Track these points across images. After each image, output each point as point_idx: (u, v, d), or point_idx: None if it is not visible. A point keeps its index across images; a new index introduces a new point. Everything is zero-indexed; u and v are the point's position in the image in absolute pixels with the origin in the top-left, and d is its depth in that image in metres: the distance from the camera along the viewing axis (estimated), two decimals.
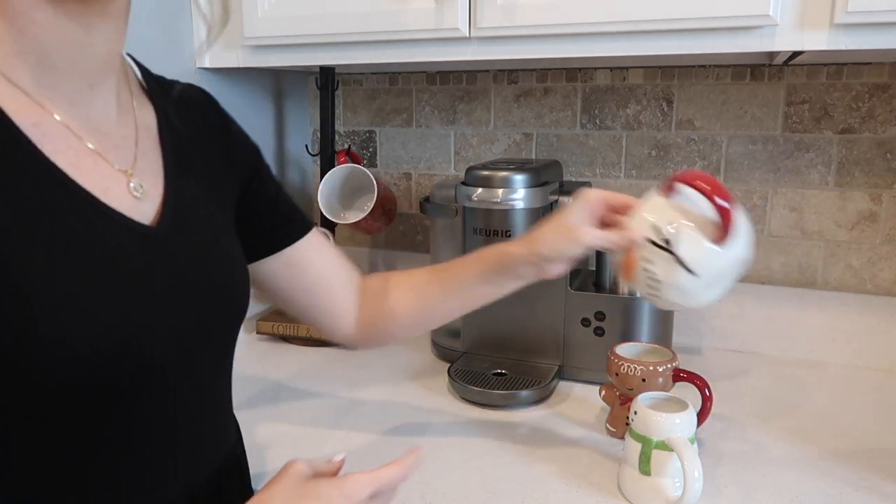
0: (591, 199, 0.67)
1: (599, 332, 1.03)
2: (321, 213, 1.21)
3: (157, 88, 0.63)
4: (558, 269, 0.70)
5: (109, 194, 0.51)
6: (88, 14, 0.48)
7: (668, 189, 0.65)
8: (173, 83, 0.66)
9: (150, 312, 0.50)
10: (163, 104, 0.61)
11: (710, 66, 1.16)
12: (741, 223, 0.61)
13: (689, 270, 0.60)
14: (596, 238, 0.65)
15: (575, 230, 0.66)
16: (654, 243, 0.61)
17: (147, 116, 0.59)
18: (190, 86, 0.68)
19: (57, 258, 0.45)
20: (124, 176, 0.53)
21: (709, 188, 0.60)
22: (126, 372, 0.48)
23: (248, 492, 0.68)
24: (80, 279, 0.46)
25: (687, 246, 0.60)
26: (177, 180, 0.58)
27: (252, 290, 0.66)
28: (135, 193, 0.53)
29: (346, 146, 1.34)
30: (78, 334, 0.45)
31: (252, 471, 0.82)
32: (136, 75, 0.62)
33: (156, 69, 1.06)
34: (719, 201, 0.59)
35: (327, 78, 1.23)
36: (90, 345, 0.46)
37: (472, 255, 0.75)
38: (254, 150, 0.72)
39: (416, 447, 0.57)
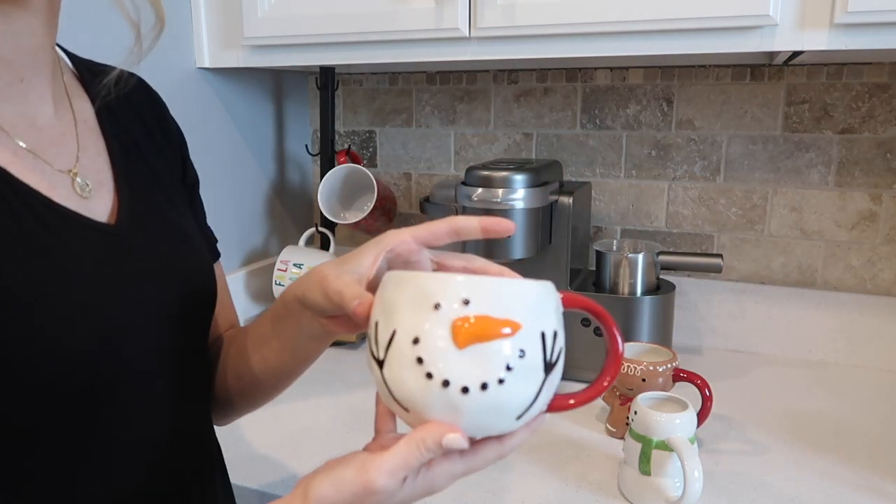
0: (385, 244, 0.49)
1: (599, 332, 1.03)
2: (321, 213, 1.21)
3: (90, 77, 0.59)
4: (336, 324, 0.52)
5: (57, 194, 0.49)
6: (4, 5, 0.47)
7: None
8: (106, 69, 0.62)
9: (123, 312, 0.49)
10: (98, 93, 0.58)
11: (710, 66, 1.16)
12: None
13: (540, 391, 0.43)
14: (329, 286, 0.48)
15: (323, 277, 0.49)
16: None
17: (85, 109, 0.57)
18: (125, 72, 0.63)
19: (23, 263, 0.44)
20: (68, 175, 0.51)
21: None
22: (104, 373, 0.47)
23: (229, 486, 0.66)
24: (52, 283, 0.45)
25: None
26: (126, 173, 0.56)
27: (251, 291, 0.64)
28: (82, 193, 0.51)
29: (345, 146, 1.34)
30: (56, 339, 0.44)
31: (252, 470, 0.82)
32: (67, 65, 0.59)
33: (156, 69, 1.06)
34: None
35: (327, 78, 1.23)
36: (68, 348, 0.44)
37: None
38: (184, 141, 0.69)
39: None
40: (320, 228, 1.28)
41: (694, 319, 1.21)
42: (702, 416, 0.84)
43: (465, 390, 0.40)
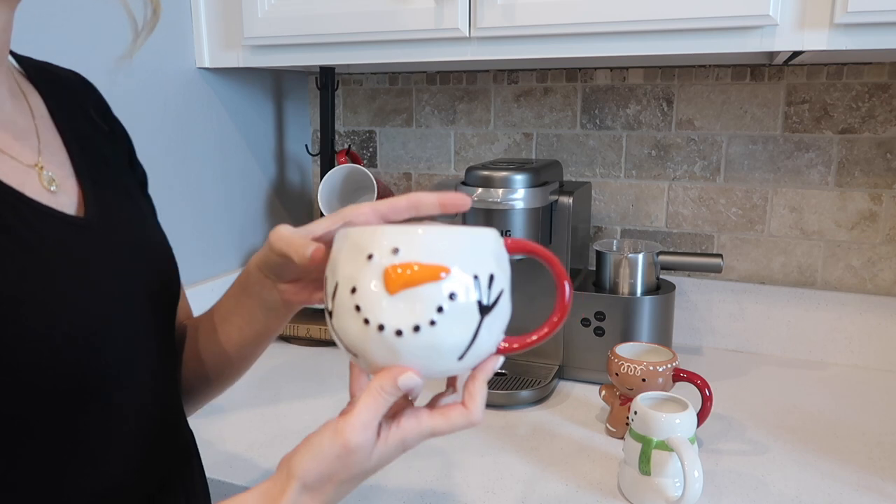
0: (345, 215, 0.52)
1: (599, 332, 1.03)
2: (321, 213, 1.21)
3: (36, 74, 0.59)
4: (291, 292, 0.57)
5: (28, 189, 0.49)
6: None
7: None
8: (49, 66, 0.61)
9: (104, 303, 0.49)
10: (48, 89, 0.58)
11: (710, 66, 1.16)
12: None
13: (478, 331, 0.45)
14: (280, 237, 0.52)
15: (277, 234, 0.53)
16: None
17: (39, 104, 0.57)
18: (67, 69, 0.64)
19: (7, 259, 0.44)
20: (34, 169, 0.51)
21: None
22: (89, 365, 0.47)
23: (205, 479, 0.66)
24: (37, 278, 0.45)
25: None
26: (86, 166, 0.56)
27: None
28: (49, 187, 0.51)
29: (345, 146, 1.34)
30: (43, 333, 0.44)
31: (252, 470, 0.82)
32: (12, 61, 0.58)
33: (156, 69, 1.06)
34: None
35: (327, 78, 1.23)
36: (55, 342, 0.44)
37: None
38: (130, 139, 0.68)
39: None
40: None
41: (694, 319, 1.21)
42: (702, 416, 0.84)
43: (398, 333, 0.43)
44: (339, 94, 1.41)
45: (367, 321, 0.43)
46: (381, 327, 0.43)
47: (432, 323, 0.43)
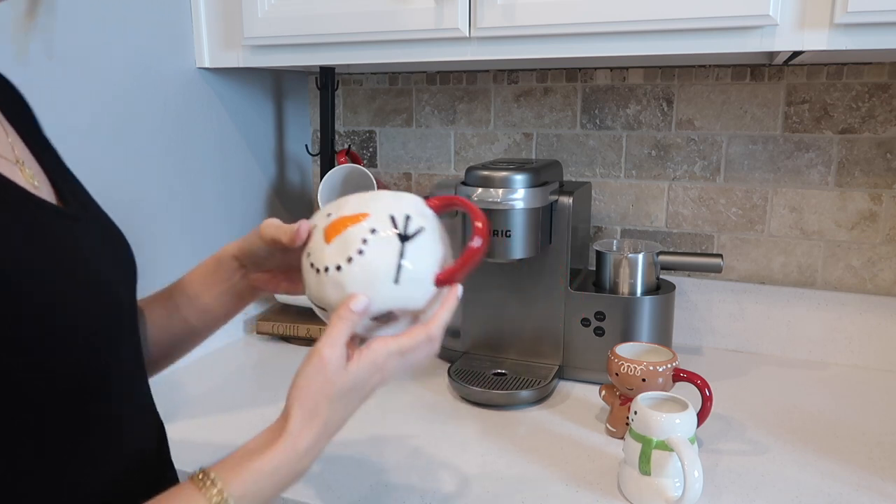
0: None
1: (599, 332, 1.03)
2: None
3: None
4: (262, 280, 0.65)
5: (22, 183, 0.49)
6: None
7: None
8: None
9: (102, 293, 0.49)
10: None
11: (710, 66, 1.16)
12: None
13: (403, 256, 0.54)
14: (270, 226, 0.60)
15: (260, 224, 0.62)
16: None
17: None
18: None
19: (41, 251, 0.44)
20: (17, 166, 0.51)
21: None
22: (97, 355, 0.48)
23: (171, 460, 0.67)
24: (65, 267, 0.45)
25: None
26: (44, 156, 0.56)
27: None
28: (33, 183, 0.51)
29: (346, 146, 1.34)
30: (60, 324, 0.44)
31: None
32: None
33: (156, 69, 1.06)
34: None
35: (327, 78, 1.23)
36: (70, 333, 0.45)
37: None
38: (26, 102, 0.67)
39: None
40: None
41: (694, 319, 1.21)
42: (702, 416, 0.84)
43: (338, 268, 0.54)
44: (339, 94, 1.41)
45: (317, 270, 0.55)
46: (326, 269, 0.54)
47: (360, 252, 0.53)
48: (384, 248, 0.54)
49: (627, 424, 0.78)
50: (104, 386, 0.49)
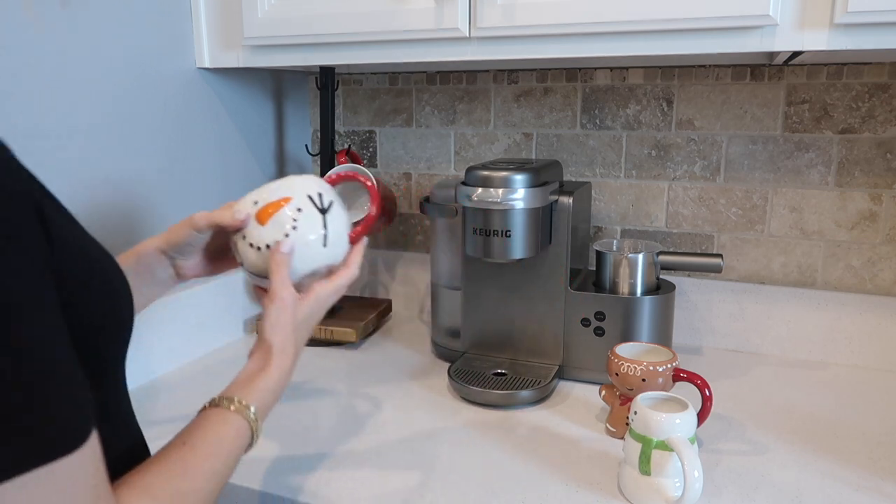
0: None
1: (599, 332, 1.03)
2: None
3: None
4: (189, 267, 0.74)
5: None
6: None
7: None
8: None
9: (121, 273, 0.54)
10: None
11: (710, 66, 1.16)
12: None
13: (325, 227, 0.69)
14: (203, 217, 0.70)
15: (191, 217, 0.72)
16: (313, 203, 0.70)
17: None
18: None
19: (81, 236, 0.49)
20: None
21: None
22: (130, 326, 0.54)
23: None
24: (96, 245, 0.51)
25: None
26: None
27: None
28: None
29: (346, 146, 1.34)
30: (111, 288, 0.50)
31: (252, 470, 0.82)
32: None
33: (156, 69, 1.06)
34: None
35: (327, 78, 1.23)
36: (129, 311, 0.53)
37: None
38: None
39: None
40: None
41: (694, 319, 1.21)
42: (702, 416, 0.84)
43: (284, 235, 0.66)
44: (339, 94, 1.41)
45: (258, 248, 0.67)
46: (267, 246, 0.67)
47: (294, 228, 0.66)
48: (311, 223, 0.67)
49: (627, 424, 0.78)
50: (122, 365, 0.55)
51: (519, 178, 0.96)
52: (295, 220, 0.67)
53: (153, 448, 0.56)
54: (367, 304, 1.33)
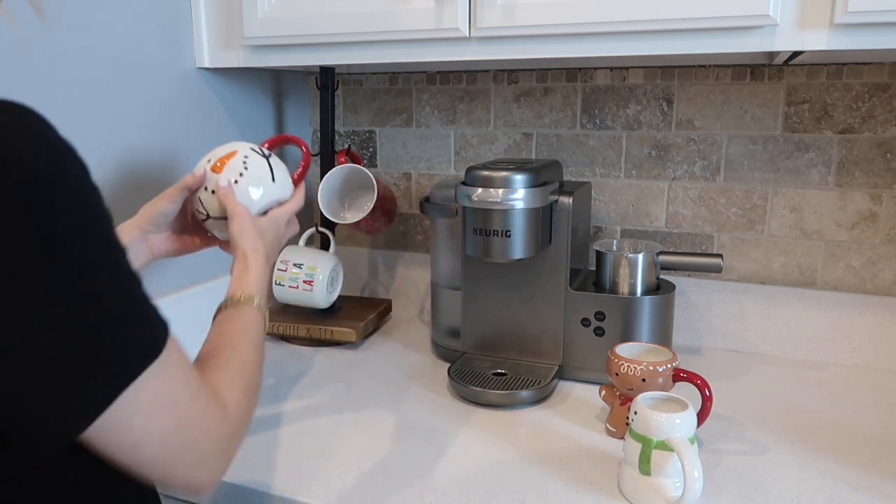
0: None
1: (599, 332, 1.03)
2: (321, 213, 1.21)
3: None
4: (159, 241, 0.82)
5: None
6: None
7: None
8: None
9: None
10: None
11: (710, 66, 1.16)
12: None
13: (271, 167, 0.83)
14: (172, 188, 0.81)
15: (160, 195, 0.81)
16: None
17: None
18: None
19: None
20: None
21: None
22: None
23: None
24: None
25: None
26: None
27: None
28: None
29: (346, 146, 1.34)
30: None
31: (251, 471, 0.82)
32: None
33: (156, 69, 1.06)
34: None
35: (327, 78, 1.23)
36: None
37: None
38: None
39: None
40: (320, 228, 1.28)
41: (694, 319, 1.21)
42: (702, 416, 0.84)
43: (236, 181, 0.78)
44: (339, 94, 1.41)
45: (213, 192, 0.79)
46: (218, 189, 0.78)
47: (245, 168, 0.79)
48: (258, 165, 0.81)
49: (627, 424, 0.78)
50: None
51: (519, 178, 0.96)
52: (245, 164, 0.79)
53: None
54: (367, 304, 1.33)
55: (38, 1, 0.62)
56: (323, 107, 1.25)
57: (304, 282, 1.18)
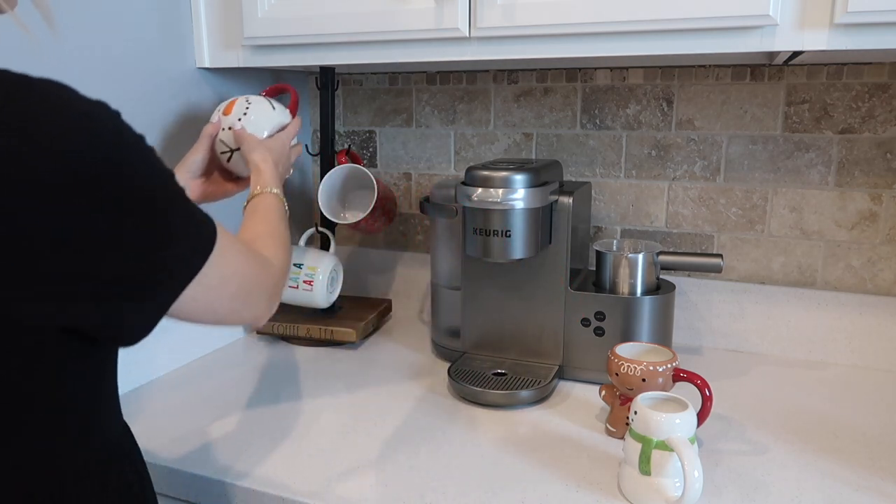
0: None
1: (599, 332, 1.03)
2: (321, 213, 1.21)
3: None
4: (198, 186, 0.96)
5: None
6: None
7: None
8: None
9: None
10: None
11: (710, 66, 1.16)
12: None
13: (271, 102, 1.00)
14: (199, 141, 0.96)
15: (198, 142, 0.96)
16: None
17: None
18: None
19: None
20: None
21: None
22: None
23: None
24: None
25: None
26: None
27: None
28: None
29: (346, 146, 1.34)
30: None
31: (253, 471, 0.82)
32: None
33: (156, 69, 1.06)
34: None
35: (327, 78, 1.23)
36: None
37: None
38: None
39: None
40: (320, 228, 1.28)
41: (694, 319, 1.21)
42: (702, 416, 0.84)
43: (239, 119, 0.95)
44: (339, 94, 1.41)
45: (230, 128, 0.95)
46: (230, 127, 0.95)
47: (248, 105, 0.96)
48: (258, 100, 0.98)
49: (627, 424, 0.78)
50: (116, 353, 0.62)
51: (519, 178, 0.96)
52: (247, 101, 0.97)
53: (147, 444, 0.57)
54: (367, 304, 1.33)
55: (47, 8, 0.63)
56: (323, 107, 1.25)
57: (304, 282, 1.18)
